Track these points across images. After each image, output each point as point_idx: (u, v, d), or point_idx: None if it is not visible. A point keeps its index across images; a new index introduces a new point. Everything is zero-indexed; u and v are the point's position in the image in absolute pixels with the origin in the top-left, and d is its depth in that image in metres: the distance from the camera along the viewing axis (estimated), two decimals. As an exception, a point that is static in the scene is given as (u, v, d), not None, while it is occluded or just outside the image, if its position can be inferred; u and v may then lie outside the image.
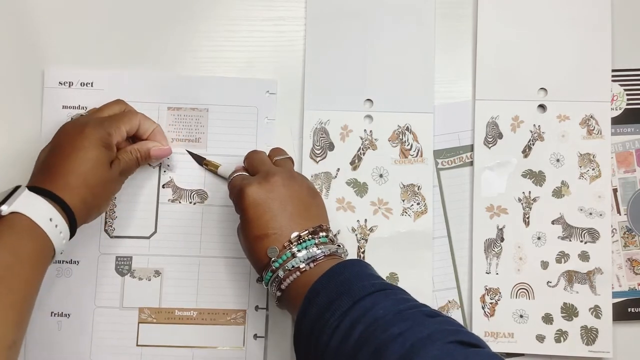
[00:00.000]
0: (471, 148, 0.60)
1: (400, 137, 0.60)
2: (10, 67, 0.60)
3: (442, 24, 0.62)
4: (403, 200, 0.60)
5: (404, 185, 0.60)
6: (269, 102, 0.61)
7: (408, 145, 0.60)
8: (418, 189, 0.60)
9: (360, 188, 0.60)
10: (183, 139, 0.60)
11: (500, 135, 0.60)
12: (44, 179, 0.51)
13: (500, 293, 0.59)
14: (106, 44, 0.61)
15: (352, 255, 0.59)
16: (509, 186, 0.60)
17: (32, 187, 0.50)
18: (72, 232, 0.51)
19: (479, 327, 0.58)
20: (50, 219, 0.48)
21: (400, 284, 0.59)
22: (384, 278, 0.58)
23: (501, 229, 0.60)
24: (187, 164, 0.60)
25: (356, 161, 0.60)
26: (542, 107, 0.60)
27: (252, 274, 0.59)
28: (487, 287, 0.59)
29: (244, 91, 0.61)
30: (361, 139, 0.60)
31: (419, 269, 0.59)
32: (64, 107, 0.60)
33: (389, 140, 0.60)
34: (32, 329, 0.58)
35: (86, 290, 0.59)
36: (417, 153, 0.60)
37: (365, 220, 0.60)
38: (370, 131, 0.60)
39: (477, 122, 0.61)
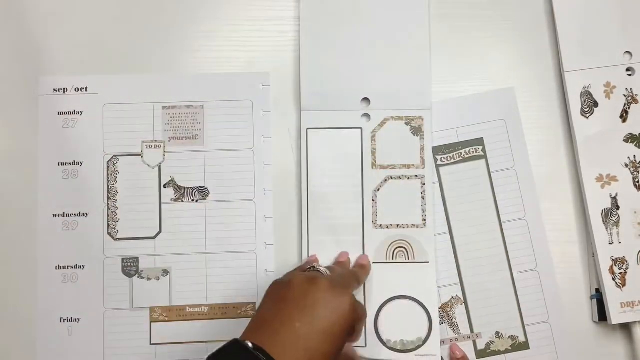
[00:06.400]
0: (469, 144, 0.61)
1: (399, 134, 0.60)
2: (4, 77, 0.61)
3: (438, 20, 0.62)
4: (404, 197, 0.60)
5: (404, 183, 0.60)
6: (264, 95, 0.61)
7: (407, 142, 0.60)
8: (418, 186, 0.60)
9: (360, 186, 0.60)
10: (181, 136, 0.61)
11: (596, 104, 0.60)
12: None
13: (627, 261, 0.58)
14: (102, 49, 0.62)
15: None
16: (613, 153, 0.60)
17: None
18: None
19: (614, 299, 0.58)
20: None
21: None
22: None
23: (614, 197, 0.59)
24: (186, 162, 0.60)
25: (356, 159, 0.60)
26: (630, 70, 0.61)
27: (258, 267, 0.60)
28: (614, 258, 0.58)
29: (238, 86, 0.61)
30: (360, 137, 0.61)
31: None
32: (60, 113, 0.61)
33: (388, 138, 0.61)
34: (42, 336, 0.58)
35: (94, 294, 0.59)
36: (416, 150, 0.60)
37: (367, 218, 0.60)
38: (369, 130, 0.61)
39: (570, 95, 0.61)
